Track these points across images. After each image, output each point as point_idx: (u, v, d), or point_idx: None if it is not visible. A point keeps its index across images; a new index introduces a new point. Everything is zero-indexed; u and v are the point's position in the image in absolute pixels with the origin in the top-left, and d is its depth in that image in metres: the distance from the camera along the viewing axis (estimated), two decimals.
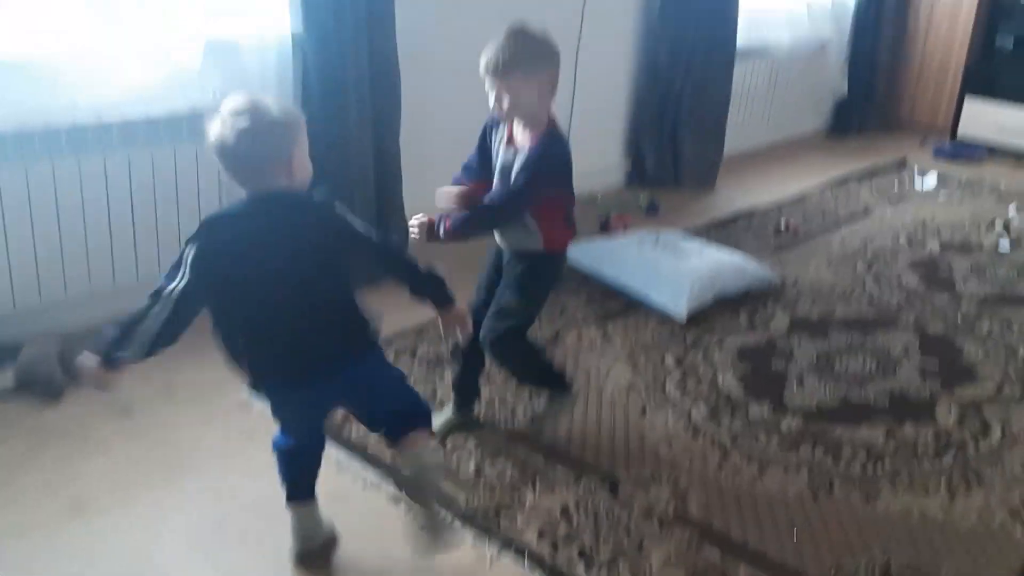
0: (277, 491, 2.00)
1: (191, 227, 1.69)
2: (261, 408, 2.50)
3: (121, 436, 2.37)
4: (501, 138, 2.22)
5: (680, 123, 4.67)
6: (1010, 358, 3.03)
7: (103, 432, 2.38)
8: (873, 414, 2.64)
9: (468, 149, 2.33)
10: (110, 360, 1.65)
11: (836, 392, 2.75)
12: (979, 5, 5.70)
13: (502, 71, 2.07)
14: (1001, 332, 3.22)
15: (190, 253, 1.68)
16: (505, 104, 2.10)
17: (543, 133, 2.14)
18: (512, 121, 2.18)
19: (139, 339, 1.65)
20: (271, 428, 2.45)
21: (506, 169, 2.18)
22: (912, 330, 3.20)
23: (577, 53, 4.14)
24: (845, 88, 5.98)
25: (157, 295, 1.67)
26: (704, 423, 2.55)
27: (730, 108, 4.84)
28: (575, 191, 2.26)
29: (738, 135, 5.21)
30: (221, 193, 2.94)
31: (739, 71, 4.91)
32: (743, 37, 4.85)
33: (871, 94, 5.99)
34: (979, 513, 2.23)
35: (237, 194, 1.76)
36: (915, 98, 6.06)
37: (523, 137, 2.17)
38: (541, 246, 2.23)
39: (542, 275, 2.28)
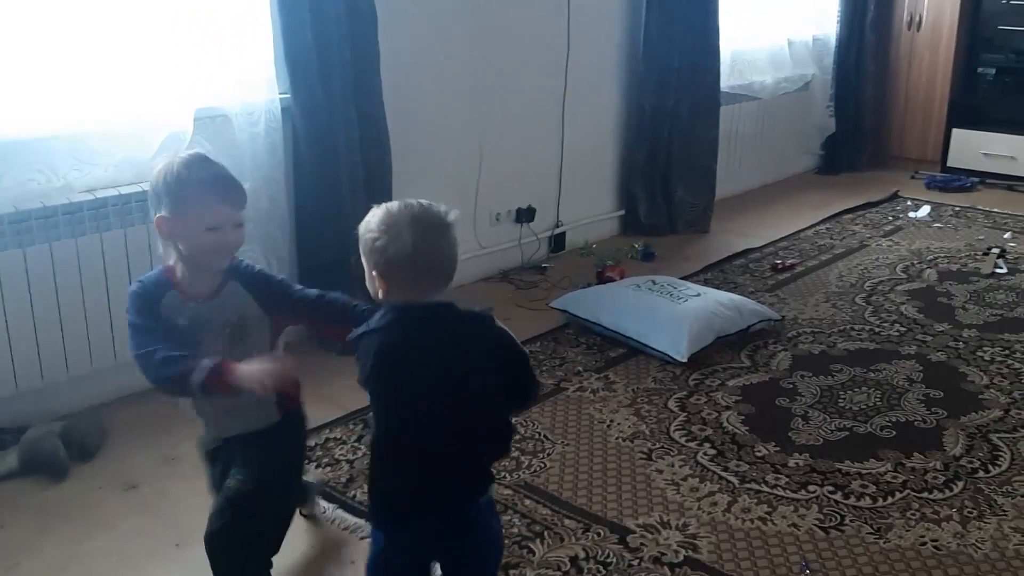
0: (284, 558, 1.98)
1: None
2: None
3: (125, 511, 2.36)
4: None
5: (671, 169, 4.71)
6: (1015, 383, 3.02)
7: (107, 508, 2.37)
8: (880, 447, 2.62)
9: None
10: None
11: (842, 427, 2.74)
12: (959, 37, 5.79)
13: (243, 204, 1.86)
14: (1004, 357, 3.22)
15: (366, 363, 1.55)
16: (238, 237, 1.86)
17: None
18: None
19: None
20: None
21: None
22: (914, 360, 3.19)
23: (564, 105, 4.21)
24: (833, 126, 6.04)
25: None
26: (711, 465, 2.54)
27: (720, 151, 4.89)
28: None
29: (730, 178, 5.25)
30: None
31: (726, 114, 4.97)
32: (727, 80, 4.93)
33: (859, 130, 6.05)
34: (993, 540, 2.20)
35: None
36: (903, 132, 6.12)
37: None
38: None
39: None
